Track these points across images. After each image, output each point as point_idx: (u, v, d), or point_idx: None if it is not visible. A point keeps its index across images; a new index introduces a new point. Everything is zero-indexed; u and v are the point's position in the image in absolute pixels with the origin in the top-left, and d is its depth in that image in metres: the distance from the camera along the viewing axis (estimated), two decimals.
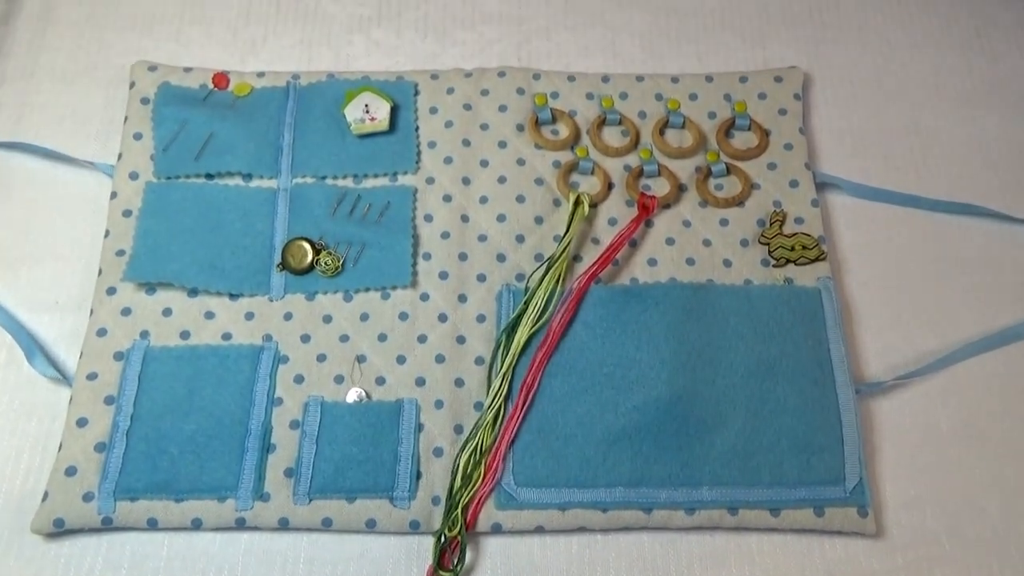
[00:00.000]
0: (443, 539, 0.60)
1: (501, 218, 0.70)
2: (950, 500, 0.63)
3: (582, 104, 0.75)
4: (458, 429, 0.63)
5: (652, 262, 0.69)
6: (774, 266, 0.69)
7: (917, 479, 0.63)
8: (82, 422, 0.62)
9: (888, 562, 0.61)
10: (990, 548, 0.61)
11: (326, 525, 0.61)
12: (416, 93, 0.75)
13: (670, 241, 0.70)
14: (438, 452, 0.63)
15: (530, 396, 0.63)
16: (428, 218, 0.70)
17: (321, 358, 0.65)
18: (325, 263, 0.68)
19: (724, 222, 0.71)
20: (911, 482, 0.63)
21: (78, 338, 0.66)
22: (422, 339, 0.66)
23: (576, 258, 0.69)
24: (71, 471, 0.61)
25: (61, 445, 0.62)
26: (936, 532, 0.62)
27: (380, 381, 0.65)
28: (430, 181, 0.72)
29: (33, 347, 0.65)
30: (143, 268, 0.67)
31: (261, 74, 0.75)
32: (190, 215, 0.69)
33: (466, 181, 0.72)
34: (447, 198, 0.71)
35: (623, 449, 0.62)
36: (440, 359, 0.65)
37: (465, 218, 0.70)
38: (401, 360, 0.65)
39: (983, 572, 0.61)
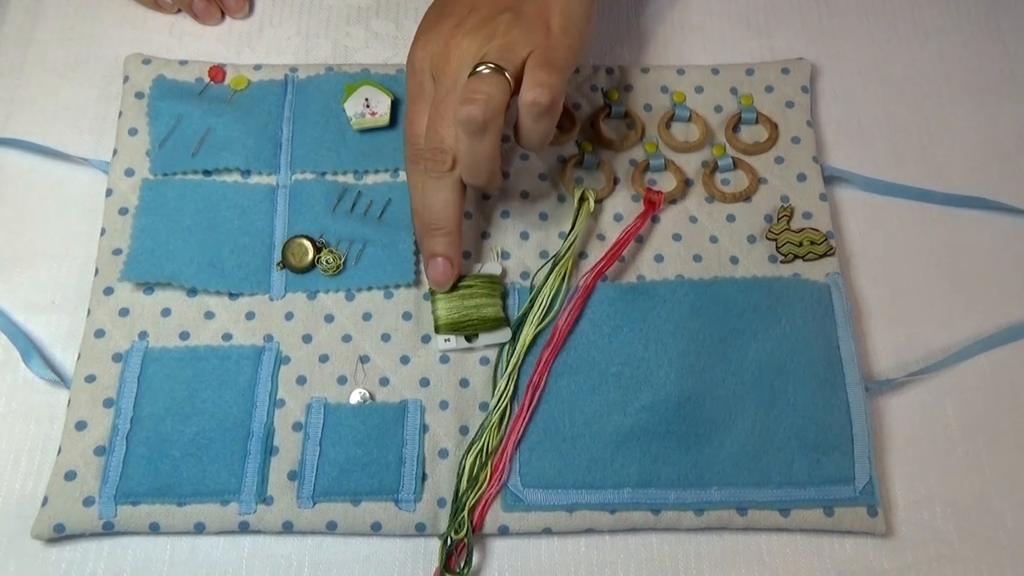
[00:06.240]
0: (449, 542, 0.59)
1: (504, 215, 0.69)
2: (960, 498, 0.62)
3: (586, 97, 0.74)
4: (463, 430, 0.63)
5: (659, 258, 0.68)
6: (782, 262, 0.67)
7: (927, 477, 0.63)
8: (81, 425, 0.61)
9: (898, 561, 0.61)
10: (1001, 547, 0.61)
11: (331, 528, 0.60)
12: None
13: (677, 237, 0.69)
14: (443, 454, 0.62)
15: (536, 396, 0.63)
16: None
17: (323, 359, 0.64)
18: (326, 261, 0.66)
19: (731, 218, 0.70)
20: (921, 480, 0.63)
21: (75, 339, 0.65)
22: (426, 339, 0.65)
23: (582, 255, 0.68)
24: (71, 475, 0.60)
25: (60, 449, 0.61)
26: (946, 531, 0.61)
27: (384, 382, 0.64)
28: None
29: (30, 349, 0.64)
30: (141, 267, 0.65)
31: (258, 67, 0.74)
32: (188, 213, 0.68)
33: None
34: None
35: (631, 449, 0.61)
36: (444, 359, 0.64)
37: (468, 215, 0.69)
38: (405, 360, 0.64)
39: (993, 571, 0.60)
